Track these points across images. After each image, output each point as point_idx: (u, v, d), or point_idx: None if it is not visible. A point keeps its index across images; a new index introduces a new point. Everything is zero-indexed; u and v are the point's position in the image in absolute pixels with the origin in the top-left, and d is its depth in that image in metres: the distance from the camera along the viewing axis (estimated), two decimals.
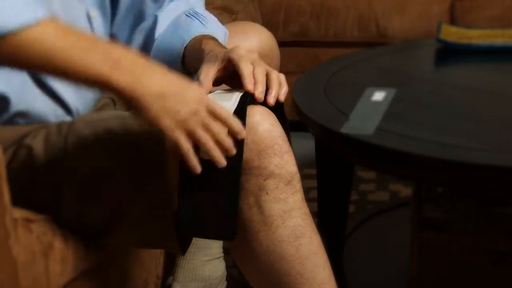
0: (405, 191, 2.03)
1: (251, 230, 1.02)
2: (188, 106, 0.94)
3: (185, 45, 1.17)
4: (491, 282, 1.38)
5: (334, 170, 1.55)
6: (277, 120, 1.02)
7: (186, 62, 1.17)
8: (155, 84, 0.93)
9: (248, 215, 1.01)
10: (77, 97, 1.11)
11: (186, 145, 0.94)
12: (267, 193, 1.00)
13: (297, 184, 1.02)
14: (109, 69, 0.91)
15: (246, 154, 0.98)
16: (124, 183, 1.03)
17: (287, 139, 1.02)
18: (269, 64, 1.40)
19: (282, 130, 1.02)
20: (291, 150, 1.02)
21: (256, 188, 1.00)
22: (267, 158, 0.99)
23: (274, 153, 1.00)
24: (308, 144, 1.68)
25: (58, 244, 1.02)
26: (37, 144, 1.04)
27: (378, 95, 1.43)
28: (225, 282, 1.50)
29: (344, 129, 1.29)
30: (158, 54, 1.19)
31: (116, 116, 1.06)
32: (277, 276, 1.02)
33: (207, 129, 0.94)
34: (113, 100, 1.21)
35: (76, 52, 0.90)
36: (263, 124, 1.00)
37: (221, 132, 0.95)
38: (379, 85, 1.48)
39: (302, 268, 1.01)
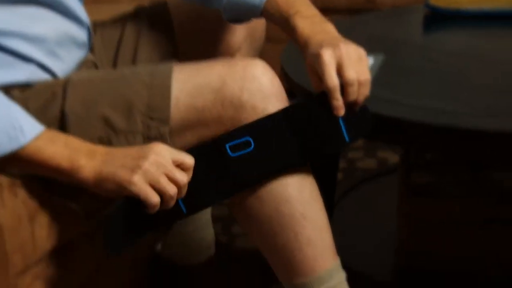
0: (394, 158, 2.03)
1: None
2: (148, 159, 0.95)
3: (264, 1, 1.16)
4: (479, 246, 1.39)
5: None
6: (275, 74, 1.06)
7: (266, 15, 1.18)
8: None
9: None
10: (58, 65, 1.10)
11: (153, 196, 0.95)
12: None
13: None
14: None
15: (252, 100, 1.02)
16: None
17: (285, 92, 1.06)
18: (254, 34, 1.40)
19: (281, 84, 1.06)
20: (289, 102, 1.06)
21: None
22: (271, 103, 1.03)
23: (277, 100, 1.04)
24: None
25: (44, 210, 1.02)
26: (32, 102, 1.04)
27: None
28: (214, 248, 1.50)
29: None
30: (232, 7, 1.19)
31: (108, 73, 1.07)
32: (281, 219, 1.04)
33: (170, 178, 0.96)
34: (95, 64, 1.20)
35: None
36: (266, 75, 1.04)
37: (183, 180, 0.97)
38: (368, 52, 1.46)
39: (305, 211, 1.04)
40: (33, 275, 1.01)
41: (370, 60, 1.43)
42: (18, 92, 1.05)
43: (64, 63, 1.11)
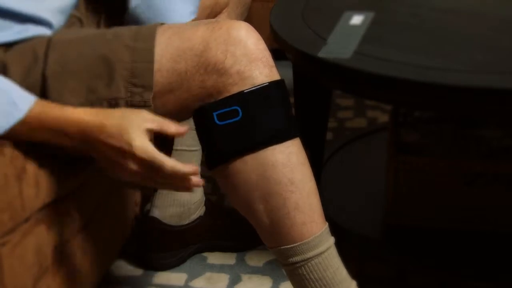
0: (383, 117, 2.03)
1: None
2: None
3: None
4: (465, 201, 1.40)
5: (311, 96, 1.54)
6: (261, 37, 1.05)
7: None
8: None
9: None
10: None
11: None
12: None
13: None
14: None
15: (237, 65, 1.01)
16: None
17: (270, 56, 1.05)
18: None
19: (266, 47, 1.04)
20: (275, 66, 1.05)
21: None
22: (257, 69, 1.02)
23: (263, 65, 1.03)
24: (287, 73, 1.66)
25: (31, 168, 1.01)
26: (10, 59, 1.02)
27: (356, 19, 1.42)
28: (203, 208, 1.50)
29: (322, 53, 1.28)
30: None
31: (93, 35, 1.05)
32: (268, 185, 1.03)
33: None
34: (80, 19, 1.18)
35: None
36: (251, 38, 1.03)
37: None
38: (357, 9, 1.46)
39: (293, 177, 1.03)
40: (22, 232, 1.01)
41: (360, 17, 1.42)
42: (1, 52, 1.04)
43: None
